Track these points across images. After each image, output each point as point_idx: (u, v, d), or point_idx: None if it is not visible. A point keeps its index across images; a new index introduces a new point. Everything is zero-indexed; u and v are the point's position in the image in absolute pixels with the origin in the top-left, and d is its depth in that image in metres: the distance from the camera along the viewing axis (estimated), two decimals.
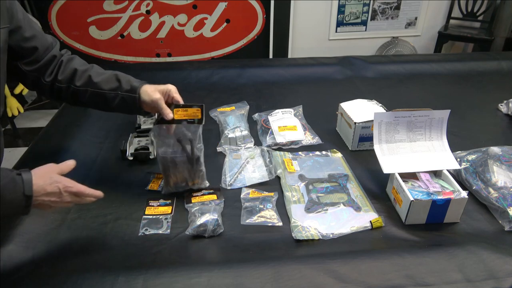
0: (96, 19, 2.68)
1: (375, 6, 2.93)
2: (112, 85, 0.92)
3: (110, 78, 0.93)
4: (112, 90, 0.92)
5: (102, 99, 0.93)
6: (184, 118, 0.91)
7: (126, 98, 0.91)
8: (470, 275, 0.74)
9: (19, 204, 0.71)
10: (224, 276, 0.75)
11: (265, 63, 1.94)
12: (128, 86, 0.91)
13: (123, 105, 0.93)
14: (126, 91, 0.91)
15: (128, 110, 0.96)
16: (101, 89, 0.92)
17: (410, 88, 1.65)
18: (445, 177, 0.96)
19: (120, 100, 0.92)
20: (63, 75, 0.92)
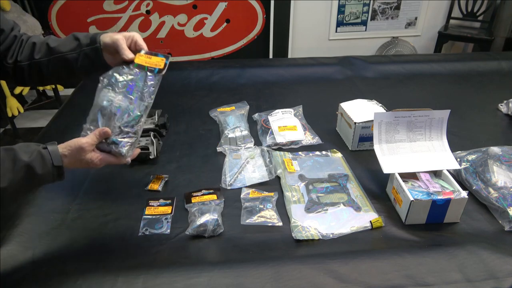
0: (96, 19, 2.68)
1: (375, 6, 2.93)
2: (71, 45, 0.86)
3: (68, 39, 0.88)
4: (73, 50, 0.86)
5: (65, 63, 0.86)
6: (145, 64, 0.83)
7: (88, 52, 0.85)
8: (470, 275, 0.74)
9: (50, 175, 0.73)
10: (224, 276, 0.75)
11: (265, 63, 1.94)
12: (88, 40, 0.86)
13: (87, 63, 0.86)
14: (87, 45, 0.85)
15: (92, 67, 0.87)
16: (61, 53, 0.86)
17: (410, 88, 1.65)
18: (445, 177, 0.96)
19: (83, 58, 0.85)
20: (23, 54, 0.87)
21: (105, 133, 0.78)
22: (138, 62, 0.83)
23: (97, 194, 1.02)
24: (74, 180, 1.06)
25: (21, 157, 0.70)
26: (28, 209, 0.95)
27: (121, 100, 0.81)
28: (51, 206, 0.96)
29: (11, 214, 0.93)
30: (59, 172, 0.74)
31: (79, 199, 0.99)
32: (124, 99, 0.81)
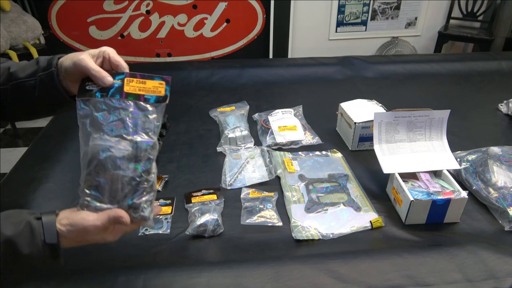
0: (96, 19, 2.68)
1: (375, 6, 2.93)
2: (30, 69, 0.66)
3: (31, 62, 0.68)
4: (31, 75, 0.66)
5: (23, 92, 0.67)
6: (140, 92, 0.61)
7: (44, 78, 0.65)
8: (470, 275, 0.74)
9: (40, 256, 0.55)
10: (224, 276, 0.75)
11: (265, 63, 1.94)
12: (45, 63, 0.66)
13: (44, 93, 0.65)
14: (43, 69, 0.65)
15: (51, 99, 0.67)
16: (18, 79, 0.66)
17: (410, 88, 1.65)
18: (445, 177, 0.96)
19: (40, 86, 0.65)
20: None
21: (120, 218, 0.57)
22: (129, 91, 0.61)
23: None
24: (74, 180, 1.06)
25: (2, 230, 0.53)
26: (28, 209, 0.94)
27: (122, 146, 0.59)
28: (51, 206, 0.96)
29: None
30: (52, 253, 0.56)
31: None
32: (126, 144, 0.59)
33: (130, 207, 0.59)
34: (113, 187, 0.58)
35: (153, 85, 0.62)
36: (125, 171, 0.58)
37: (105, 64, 0.64)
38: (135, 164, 0.59)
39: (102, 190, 0.59)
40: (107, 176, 0.58)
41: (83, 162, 0.59)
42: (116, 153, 0.58)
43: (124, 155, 0.58)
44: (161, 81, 0.62)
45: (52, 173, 1.08)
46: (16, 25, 2.37)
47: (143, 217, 0.60)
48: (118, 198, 0.59)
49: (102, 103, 0.60)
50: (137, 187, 0.59)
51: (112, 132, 0.59)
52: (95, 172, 0.58)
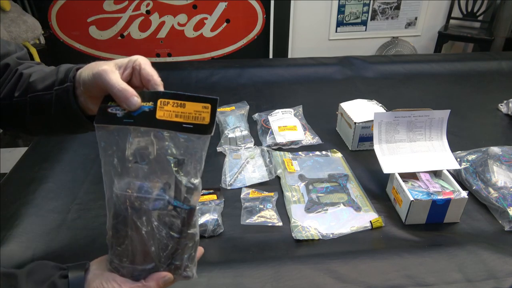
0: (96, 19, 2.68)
1: (375, 6, 2.93)
2: (49, 80, 0.56)
3: (51, 71, 0.57)
4: (48, 88, 0.55)
5: (40, 107, 0.56)
6: (177, 120, 0.46)
7: (59, 93, 0.54)
8: (470, 275, 0.74)
9: None
10: (224, 276, 0.75)
11: (265, 63, 1.94)
12: (63, 74, 0.55)
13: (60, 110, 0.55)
14: (60, 82, 0.54)
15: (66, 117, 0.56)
16: (36, 91, 0.56)
17: (410, 88, 1.65)
18: (445, 177, 0.96)
19: (56, 101, 0.55)
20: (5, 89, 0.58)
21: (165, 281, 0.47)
22: (163, 117, 0.46)
23: (97, 194, 1.02)
24: (74, 180, 1.06)
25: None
26: (28, 209, 0.95)
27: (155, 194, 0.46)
28: (51, 206, 0.96)
29: (11, 214, 0.93)
30: None
31: (79, 199, 0.99)
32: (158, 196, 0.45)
33: (170, 268, 0.47)
34: (146, 249, 0.46)
35: (194, 109, 0.46)
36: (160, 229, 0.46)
37: (135, 78, 0.50)
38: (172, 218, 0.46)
39: (132, 252, 0.46)
40: (137, 236, 0.45)
41: (108, 208, 0.47)
42: (149, 206, 0.45)
43: (160, 207, 0.45)
44: (206, 104, 0.47)
45: (52, 173, 1.08)
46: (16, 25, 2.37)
47: (187, 277, 0.49)
48: (154, 259, 0.47)
49: (126, 133, 0.45)
50: (177, 245, 0.47)
51: (142, 177, 0.45)
52: (122, 230, 0.46)
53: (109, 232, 0.47)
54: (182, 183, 0.45)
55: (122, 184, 0.45)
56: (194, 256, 0.49)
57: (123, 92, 0.46)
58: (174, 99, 0.46)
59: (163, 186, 0.45)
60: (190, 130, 0.45)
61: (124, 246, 0.46)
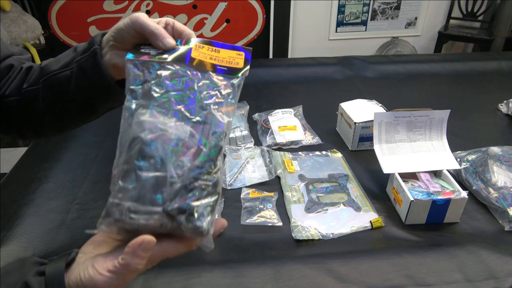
0: (96, 19, 2.68)
1: (375, 6, 2.93)
2: (66, 59, 0.55)
3: (68, 51, 0.57)
4: (66, 65, 0.54)
5: (56, 87, 0.55)
6: (211, 61, 0.46)
7: (82, 63, 0.53)
8: (470, 275, 0.74)
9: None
10: (224, 276, 0.75)
11: (265, 63, 1.94)
12: (85, 45, 0.54)
13: (82, 82, 0.53)
14: (82, 52, 0.53)
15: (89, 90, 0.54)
16: (50, 73, 0.55)
17: (410, 88, 1.65)
18: (445, 177, 0.96)
19: (77, 74, 0.53)
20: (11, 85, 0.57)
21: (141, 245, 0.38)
22: (198, 57, 0.46)
23: (97, 194, 1.02)
24: (74, 180, 1.06)
25: None
26: (28, 209, 0.95)
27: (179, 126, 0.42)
28: (51, 206, 0.96)
29: (11, 214, 0.93)
30: None
31: (79, 199, 0.99)
32: (182, 125, 0.42)
33: (180, 212, 0.39)
34: (159, 181, 0.40)
35: (229, 55, 0.47)
36: (179, 161, 0.40)
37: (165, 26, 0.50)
38: (196, 154, 0.41)
39: (142, 184, 0.40)
40: (151, 164, 0.40)
41: (121, 146, 0.44)
42: (171, 135, 0.41)
43: (181, 138, 0.41)
44: (240, 52, 0.48)
45: (52, 173, 1.08)
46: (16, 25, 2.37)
47: (197, 228, 0.40)
48: (164, 197, 0.39)
49: (161, 68, 0.44)
50: (193, 184, 0.40)
51: (168, 107, 0.42)
52: (136, 158, 0.41)
53: (116, 168, 0.44)
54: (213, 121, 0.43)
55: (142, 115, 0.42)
56: (213, 207, 0.41)
57: (160, 31, 0.47)
58: (208, 45, 0.47)
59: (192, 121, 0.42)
60: (224, 71, 0.46)
61: (131, 180, 0.41)
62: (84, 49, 0.54)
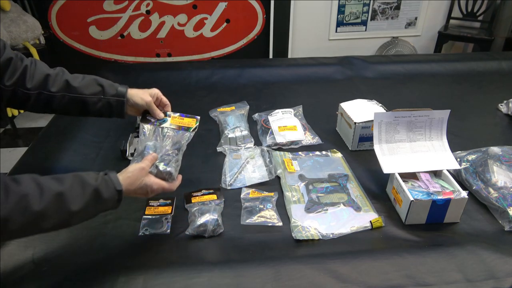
0: (96, 19, 2.68)
1: (375, 6, 2.93)
2: (94, 89, 0.90)
3: (91, 82, 0.91)
4: (94, 94, 0.90)
5: (81, 104, 0.90)
6: (180, 125, 0.97)
7: (112, 102, 0.91)
8: (470, 275, 0.74)
9: (113, 200, 0.74)
10: (224, 276, 0.75)
11: (265, 63, 1.94)
12: (114, 91, 0.91)
13: (105, 110, 0.91)
14: (112, 95, 0.90)
15: (109, 114, 0.93)
16: (81, 94, 0.89)
17: (410, 88, 1.65)
18: (445, 177, 0.96)
19: (104, 105, 0.91)
20: (32, 82, 0.86)
21: (154, 157, 0.85)
22: (174, 123, 0.96)
23: None
24: None
25: (89, 182, 0.70)
26: None
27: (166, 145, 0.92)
28: None
29: None
30: (119, 197, 0.74)
31: None
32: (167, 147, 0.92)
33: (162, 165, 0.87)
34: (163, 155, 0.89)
35: (188, 121, 0.97)
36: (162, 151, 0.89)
37: (157, 101, 0.97)
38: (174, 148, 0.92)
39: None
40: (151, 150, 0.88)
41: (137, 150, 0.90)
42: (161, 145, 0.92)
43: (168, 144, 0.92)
44: (194, 118, 0.98)
45: (52, 173, 1.07)
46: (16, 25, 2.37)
47: (170, 171, 0.86)
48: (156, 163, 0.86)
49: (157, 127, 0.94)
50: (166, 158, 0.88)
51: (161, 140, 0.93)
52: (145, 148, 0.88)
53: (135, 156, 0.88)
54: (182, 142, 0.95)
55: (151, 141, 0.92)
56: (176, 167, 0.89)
57: (157, 113, 0.96)
58: (178, 116, 0.99)
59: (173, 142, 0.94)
60: (184, 129, 0.96)
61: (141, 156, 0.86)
62: (113, 94, 0.91)
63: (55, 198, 0.64)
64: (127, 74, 1.73)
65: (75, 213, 0.67)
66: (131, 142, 1.17)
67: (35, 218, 0.62)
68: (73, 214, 0.67)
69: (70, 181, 0.69)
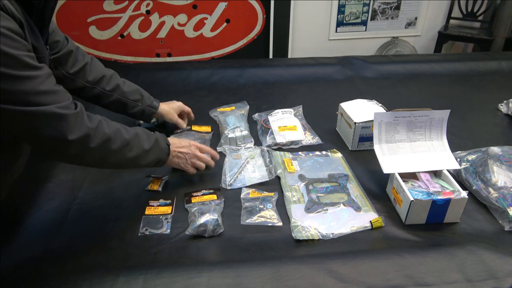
0: (96, 19, 2.68)
1: (375, 6, 2.92)
2: (136, 97, 1.13)
3: (135, 91, 1.14)
4: (135, 100, 1.13)
5: (123, 105, 1.12)
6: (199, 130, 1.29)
7: (146, 110, 1.15)
8: (470, 275, 0.74)
9: (164, 152, 0.94)
10: (224, 276, 0.75)
11: (265, 63, 1.94)
12: (150, 102, 1.16)
13: (139, 114, 1.15)
14: (148, 105, 1.15)
15: (139, 118, 1.18)
16: (126, 98, 1.11)
17: (410, 88, 1.65)
18: (445, 177, 0.96)
19: (139, 110, 1.14)
20: (91, 76, 1.05)
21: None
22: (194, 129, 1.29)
23: (97, 194, 1.02)
24: (74, 180, 1.06)
25: (150, 133, 0.92)
26: (28, 209, 0.95)
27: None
28: (51, 206, 0.96)
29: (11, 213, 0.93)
30: (168, 152, 0.95)
31: (79, 199, 0.99)
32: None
33: None
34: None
35: (205, 129, 1.31)
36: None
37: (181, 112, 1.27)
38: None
39: None
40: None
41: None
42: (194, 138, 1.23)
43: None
44: (208, 126, 1.33)
45: (52, 173, 1.08)
46: None
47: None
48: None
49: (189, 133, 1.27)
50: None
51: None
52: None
53: None
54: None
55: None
56: None
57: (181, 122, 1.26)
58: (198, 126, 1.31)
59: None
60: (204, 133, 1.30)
61: None
62: (149, 104, 1.16)
63: (134, 135, 0.86)
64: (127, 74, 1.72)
65: (145, 151, 0.87)
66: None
67: (125, 145, 0.83)
68: (144, 151, 0.87)
69: (141, 129, 0.90)
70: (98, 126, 0.77)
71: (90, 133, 0.75)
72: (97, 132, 0.77)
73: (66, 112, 0.71)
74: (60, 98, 0.72)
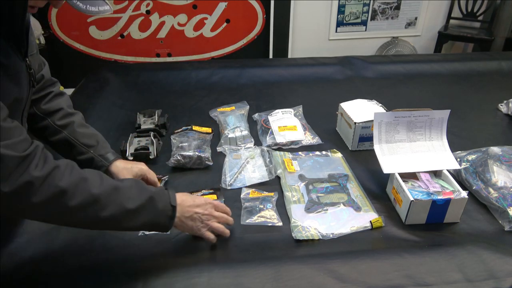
0: (96, 19, 2.68)
1: (375, 6, 2.92)
2: (89, 142, 0.92)
3: (91, 135, 0.94)
4: (86, 146, 0.91)
5: (71, 147, 0.91)
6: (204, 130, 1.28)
7: (95, 159, 0.91)
8: (470, 275, 0.74)
9: (166, 215, 0.75)
10: (224, 276, 0.75)
11: (265, 63, 1.94)
12: (104, 152, 0.93)
13: (87, 162, 0.91)
14: (99, 155, 0.92)
15: (87, 167, 0.85)
16: (75, 140, 0.91)
17: (410, 88, 1.65)
18: (445, 177, 0.96)
19: (89, 158, 0.91)
20: (46, 105, 0.90)
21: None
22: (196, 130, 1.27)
23: None
24: None
25: (146, 188, 0.74)
26: None
27: None
28: None
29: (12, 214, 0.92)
30: (172, 214, 0.75)
31: None
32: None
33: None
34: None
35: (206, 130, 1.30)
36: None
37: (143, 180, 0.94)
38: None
39: None
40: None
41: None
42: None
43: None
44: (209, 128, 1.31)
45: None
46: None
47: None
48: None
49: None
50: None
51: None
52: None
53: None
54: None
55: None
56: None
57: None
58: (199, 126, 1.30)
59: None
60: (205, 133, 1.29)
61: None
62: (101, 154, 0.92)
63: (112, 189, 0.68)
64: (127, 74, 1.73)
65: (129, 212, 0.69)
66: (131, 142, 1.17)
67: (92, 201, 0.65)
68: (127, 212, 0.68)
69: (129, 182, 0.74)
70: (51, 174, 0.61)
71: (34, 183, 0.59)
72: (46, 183, 0.60)
73: (7, 152, 0.57)
74: (7, 135, 0.58)
